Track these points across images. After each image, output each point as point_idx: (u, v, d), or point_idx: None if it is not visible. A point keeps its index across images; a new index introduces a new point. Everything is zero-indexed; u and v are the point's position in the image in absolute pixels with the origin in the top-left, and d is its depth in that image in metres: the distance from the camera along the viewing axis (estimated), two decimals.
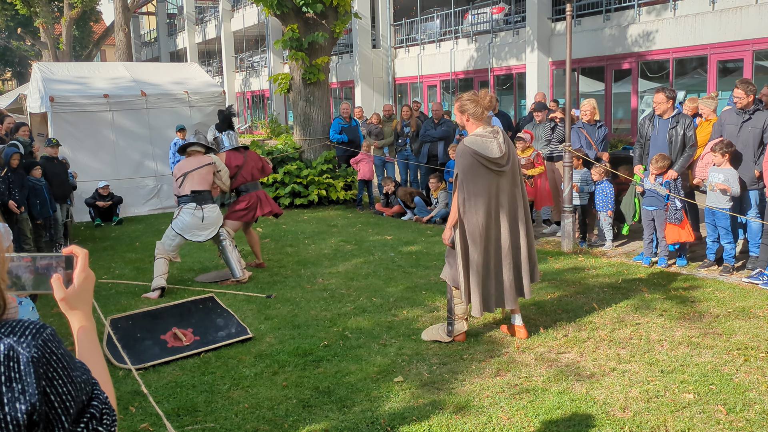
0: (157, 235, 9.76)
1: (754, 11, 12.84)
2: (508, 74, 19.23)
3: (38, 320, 1.26)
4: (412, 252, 8.03)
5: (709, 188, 6.66)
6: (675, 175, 6.78)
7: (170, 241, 6.68)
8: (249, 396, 4.15)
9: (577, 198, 7.96)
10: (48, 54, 25.31)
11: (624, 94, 16.41)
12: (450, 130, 10.54)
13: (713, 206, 6.55)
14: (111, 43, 30.71)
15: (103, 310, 5.50)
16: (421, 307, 5.82)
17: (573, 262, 7.28)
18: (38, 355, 1.19)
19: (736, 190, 6.45)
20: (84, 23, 33.05)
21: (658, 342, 4.81)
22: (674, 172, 6.79)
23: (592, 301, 5.77)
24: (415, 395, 4.06)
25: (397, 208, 10.72)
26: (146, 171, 11.85)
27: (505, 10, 19.53)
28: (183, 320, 5.33)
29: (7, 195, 7.36)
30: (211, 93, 12.53)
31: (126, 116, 11.67)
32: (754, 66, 13.18)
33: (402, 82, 23.85)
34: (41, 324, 1.25)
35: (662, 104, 6.94)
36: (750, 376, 4.17)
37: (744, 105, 6.57)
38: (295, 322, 5.52)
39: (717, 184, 6.51)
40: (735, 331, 4.95)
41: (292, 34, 12.05)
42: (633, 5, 15.51)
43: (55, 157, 9.12)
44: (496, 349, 4.78)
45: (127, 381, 4.40)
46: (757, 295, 5.83)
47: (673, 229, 6.84)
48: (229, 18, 33.21)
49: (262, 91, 31.92)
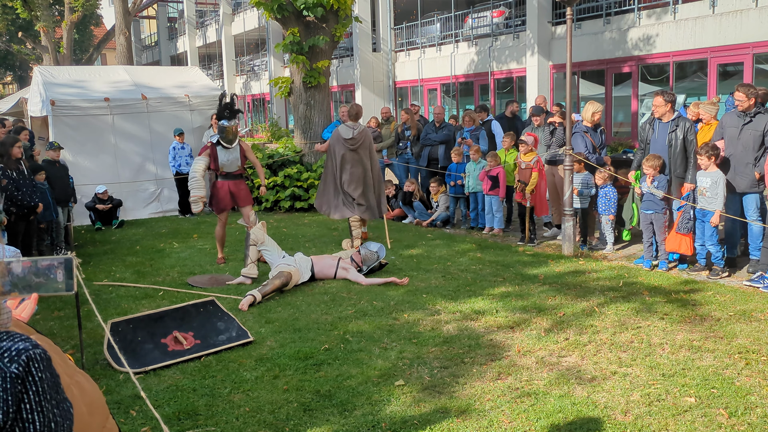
0: (158, 238, 9.79)
1: (755, 14, 12.86)
2: (509, 78, 19.24)
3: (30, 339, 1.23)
4: (412, 255, 8.03)
5: (698, 192, 6.68)
6: (692, 186, 6.78)
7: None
8: (250, 400, 4.14)
9: (577, 201, 7.96)
10: (49, 58, 25.33)
11: (624, 98, 16.42)
12: (451, 133, 10.54)
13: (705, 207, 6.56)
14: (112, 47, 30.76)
15: (103, 313, 5.49)
16: (421, 310, 5.82)
17: (574, 265, 7.28)
18: (18, 372, 1.15)
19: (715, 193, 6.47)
20: (85, 27, 33.13)
21: (659, 345, 4.81)
22: (690, 184, 6.78)
23: (593, 305, 5.77)
24: (417, 399, 4.06)
25: (397, 211, 10.72)
26: (147, 174, 11.86)
27: (505, 14, 19.54)
28: (184, 324, 5.32)
29: (18, 196, 7.40)
30: (211, 96, 12.54)
31: (127, 120, 11.69)
32: (754, 69, 13.19)
33: (402, 85, 23.86)
34: (34, 343, 1.21)
35: (661, 107, 6.96)
36: (751, 379, 4.17)
37: (746, 108, 6.59)
38: (295, 326, 5.51)
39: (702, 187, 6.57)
40: (736, 335, 4.94)
41: (293, 38, 12.07)
42: (633, 9, 15.53)
43: (56, 160, 9.13)
44: (497, 352, 4.78)
45: (128, 384, 4.40)
46: (758, 299, 5.83)
47: (675, 238, 6.86)
48: (229, 22, 33.26)
49: (262, 94, 31.95)
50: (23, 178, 7.55)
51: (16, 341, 1.18)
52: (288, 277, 6.54)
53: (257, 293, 6.20)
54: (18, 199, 7.38)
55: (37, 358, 1.18)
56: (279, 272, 6.57)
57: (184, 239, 9.68)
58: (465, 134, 10.21)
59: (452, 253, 8.06)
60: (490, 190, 9.12)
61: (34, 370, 1.17)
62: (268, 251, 7.00)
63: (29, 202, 7.52)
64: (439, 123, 10.67)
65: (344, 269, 6.97)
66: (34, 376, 1.17)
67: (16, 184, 7.41)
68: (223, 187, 7.83)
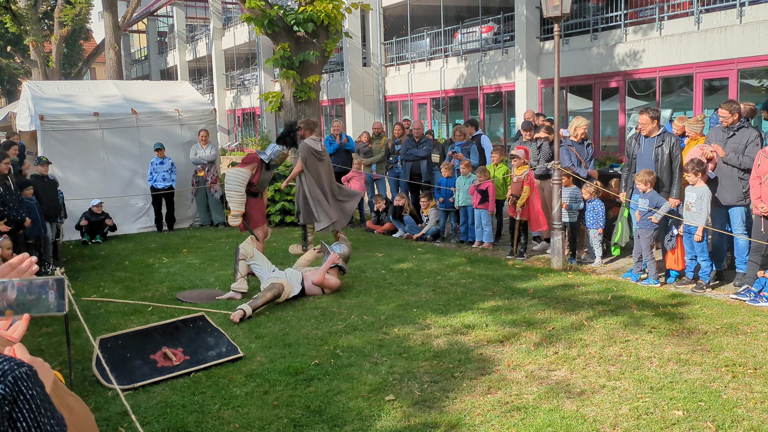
0: (147, 253, 9.75)
1: (739, 31, 13.05)
2: (498, 92, 19.39)
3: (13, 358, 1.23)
4: (403, 269, 8.05)
5: (685, 207, 6.76)
6: (677, 202, 6.86)
7: None
8: (240, 416, 4.13)
9: (566, 215, 8.02)
10: (38, 72, 25.27)
11: (612, 112, 16.57)
12: (431, 148, 10.66)
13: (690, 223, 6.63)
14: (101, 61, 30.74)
15: (92, 329, 5.45)
16: (412, 324, 5.83)
17: (563, 279, 7.32)
18: (5, 393, 1.14)
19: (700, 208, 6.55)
20: (74, 41, 33.06)
21: (647, 359, 4.84)
22: (675, 199, 6.87)
23: (581, 318, 5.80)
24: (407, 414, 4.06)
25: (388, 225, 10.75)
26: (136, 189, 11.83)
27: (494, 30, 19.72)
28: (173, 339, 5.30)
29: (5, 212, 7.37)
30: (201, 111, 12.56)
31: (116, 134, 11.67)
32: (739, 84, 13.37)
33: (392, 100, 23.98)
34: (18, 362, 1.20)
35: (647, 125, 7.06)
36: (738, 392, 4.20)
37: (729, 123, 6.71)
38: (285, 341, 5.51)
39: (688, 202, 6.66)
40: (723, 348, 4.99)
41: (284, 53, 12.13)
42: (620, 25, 15.72)
43: (45, 175, 9.10)
44: (487, 366, 4.79)
45: (117, 401, 4.37)
46: (744, 312, 5.88)
47: (673, 256, 6.96)
48: (220, 36, 33.33)
49: (252, 108, 31.98)
50: (10, 194, 7.52)
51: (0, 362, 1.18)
52: (280, 288, 6.53)
53: (247, 307, 6.19)
54: (4, 214, 7.35)
55: (23, 376, 1.17)
56: (271, 284, 6.56)
57: (174, 254, 9.65)
58: (455, 148, 10.28)
59: (442, 267, 8.08)
60: (480, 204, 9.17)
61: (24, 389, 1.17)
62: (258, 265, 7.00)
63: (16, 216, 7.48)
64: (419, 138, 10.74)
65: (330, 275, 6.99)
66: (25, 395, 1.16)
67: (2, 200, 7.38)
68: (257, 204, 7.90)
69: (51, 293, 1.38)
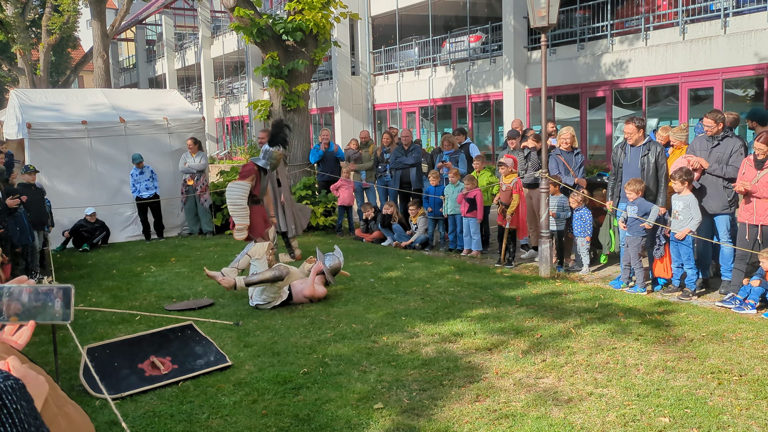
0: (135, 262, 9.71)
1: (723, 41, 13.23)
2: (486, 101, 19.51)
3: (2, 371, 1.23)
4: (392, 278, 8.06)
5: (672, 216, 6.83)
6: (663, 210, 6.93)
7: None
8: (228, 425, 4.12)
9: (554, 224, 8.08)
10: (25, 80, 25.16)
11: (599, 121, 16.72)
12: (420, 156, 10.71)
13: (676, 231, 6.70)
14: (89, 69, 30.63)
15: (80, 338, 5.42)
16: (401, 333, 5.84)
17: (550, 287, 7.36)
18: None
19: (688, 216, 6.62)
20: (62, 49, 32.95)
21: (634, 366, 4.88)
22: (662, 208, 6.93)
23: (569, 326, 5.83)
24: (396, 422, 4.07)
25: (376, 233, 10.76)
26: (124, 198, 11.78)
27: (482, 39, 19.87)
28: (161, 348, 5.28)
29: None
30: (190, 119, 12.54)
31: (104, 143, 11.62)
32: (723, 94, 13.54)
33: (381, 108, 24.06)
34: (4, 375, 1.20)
35: (633, 134, 7.13)
36: (724, 399, 4.25)
37: (714, 132, 6.80)
38: (274, 350, 5.50)
39: (675, 211, 6.73)
40: (709, 355, 5.03)
41: (272, 62, 12.15)
42: (606, 35, 15.89)
43: (32, 184, 9.06)
44: (476, 374, 4.81)
45: (104, 411, 4.35)
46: (729, 319, 5.94)
47: (661, 264, 7.03)
48: (208, 45, 33.32)
49: (241, 117, 31.95)
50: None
51: None
52: (284, 272, 6.44)
53: (241, 280, 6.11)
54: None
55: (8, 390, 1.17)
56: (277, 266, 6.49)
57: (162, 263, 9.61)
58: (444, 157, 10.33)
59: (431, 275, 8.11)
60: (468, 212, 9.21)
61: (8, 402, 1.16)
62: (257, 266, 6.98)
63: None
64: (407, 146, 10.79)
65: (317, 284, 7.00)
66: (8, 408, 1.16)
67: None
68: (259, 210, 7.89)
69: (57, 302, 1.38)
